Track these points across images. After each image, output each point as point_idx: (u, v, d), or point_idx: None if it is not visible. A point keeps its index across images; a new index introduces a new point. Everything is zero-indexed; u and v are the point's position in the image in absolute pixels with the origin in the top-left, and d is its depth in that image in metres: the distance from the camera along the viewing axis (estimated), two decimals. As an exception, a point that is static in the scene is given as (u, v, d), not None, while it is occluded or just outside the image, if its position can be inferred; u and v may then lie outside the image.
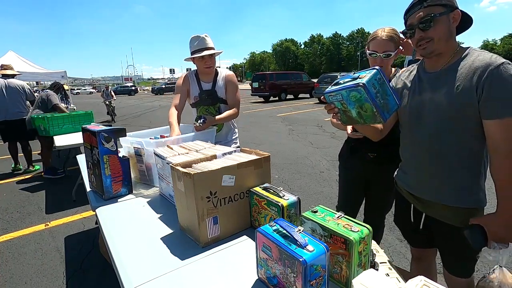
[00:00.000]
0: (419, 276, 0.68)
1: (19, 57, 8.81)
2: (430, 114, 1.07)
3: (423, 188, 1.17)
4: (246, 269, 0.91)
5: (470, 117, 0.99)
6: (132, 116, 12.95)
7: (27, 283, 2.10)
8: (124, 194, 1.54)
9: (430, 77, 1.10)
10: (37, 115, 3.96)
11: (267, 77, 16.83)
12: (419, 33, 1.04)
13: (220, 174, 1.04)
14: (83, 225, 2.92)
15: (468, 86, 0.96)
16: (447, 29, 1.01)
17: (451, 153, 1.05)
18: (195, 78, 2.08)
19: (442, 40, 1.02)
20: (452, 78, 1.01)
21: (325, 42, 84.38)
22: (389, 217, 2.88)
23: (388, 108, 0.99)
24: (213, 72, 2.05)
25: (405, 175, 1.26)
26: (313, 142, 6.28)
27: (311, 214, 0.87)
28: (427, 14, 1.00)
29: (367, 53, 1.51)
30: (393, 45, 1.46)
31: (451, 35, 1.03)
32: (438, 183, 1.11)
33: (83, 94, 47.26)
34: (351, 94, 0.99)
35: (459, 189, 1.07)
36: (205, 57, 1.95)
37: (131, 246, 1.08)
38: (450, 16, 1.01)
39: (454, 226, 1.11)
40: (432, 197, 1.14)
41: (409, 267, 2.05)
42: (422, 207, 1.22)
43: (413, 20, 1.05)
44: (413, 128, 1.16)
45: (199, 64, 2.00)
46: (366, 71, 1.01)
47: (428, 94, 1.09)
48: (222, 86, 2.06)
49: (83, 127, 1.54)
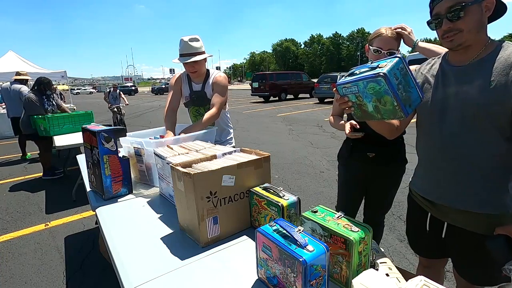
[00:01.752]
0: (419, 276, 0.68)
1: (19, 57, 8.82)
2: (455, 111, 0.98)
3: (443, 193, 1.07)
4: (246, 269, 0.91)
5: (501, 116, 0.90)
6: (132, 116, 12.94)
7: (27, 283, 2.10)
8: (124, 194, 1.54)
9: (457, 71, 0.99)
10: (37, 116, 3.96)
11: (267, 77, 16.84)
12: (446, 24, 0.94)
13: (220, 174, 1.04)
14: (83, 225, 2.92)
15: (504, 82, 0.88)
16: (478, 20, 0.91)
17: (475, 155, 0.96)
18: (186, 78, 2.08)
19: (472, 32, 0.92)
20: (483, 73, 0.92)
21: (325, 42, 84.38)
22: (389, 217, 2.89)
23: (411, 102, 0.89)
24: (201, 75, 2.03)
25: (422, 180, 1.17)
26: (313, 142, 6.28)
27: (311, 214, 0.87)
28: (457, 2, 0.90)
29: (371, 49, 1.49)
30: (397, 44, 1.47)
31: (482, 26, 0.93)
32: (460, 188, 1.01)
33: (83, 94, 47.24)
34: (368, 85, 0.88)
35: (483, 194, 0.98)
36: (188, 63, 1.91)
37: (131, 246, 1.08)
38: (482, 5, 0.90)
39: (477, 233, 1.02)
40: (453, 203, 1.04)
41: (409, 267, 2.06)
42: (442, 215, 1.11)
43: (440, 9, 0.94)
44: (433, 127, 1.05)
45: (186, 68, 1.97)
46: (387, 60, 0.90)
47: (454, 90, 0.99)
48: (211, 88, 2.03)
49: (83, 127, 1.54)
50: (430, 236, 1.20)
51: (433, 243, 1.21)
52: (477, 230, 1.02)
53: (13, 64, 8.16)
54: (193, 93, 2.06)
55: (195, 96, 2.05)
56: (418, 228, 1.25)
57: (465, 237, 1.06)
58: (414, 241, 1.33)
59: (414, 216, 1.27)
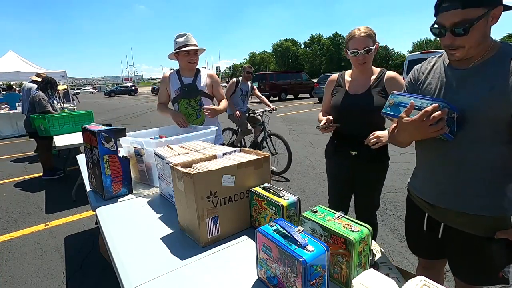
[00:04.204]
0: (419, 276, 0.68)
1: (19, 57, 8.81)
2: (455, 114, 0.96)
3: (442, 196, 1.06)
4: (246, 269, 0.91)
5: (502, 120, 0.89)
6: (132, 116, 12.94)
7: (27, 283, 2.10)
8: (124, 194, 1.54)
9: (459, 74, 0.98)
10: (37, 116, 3.96)
11: (267, 77, 16.85)
12: (449, 38, 0.91)
13: (220, 174, 1.04)
14: (83, 225, 2.92)
15: (506, 87, 0.87)
16: (483, 33, 0.89)
17: (474, 158, 0.96)
18: (176, 74, 2.24)
19: (473, 47, 0.90)
20: (485, 76, 0.91)
21: (325, 42, 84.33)
22: (389, 217, 2.89)
23: None
24: (195, 68, 2.23)
25: (421, 182, 1.16)
26: (313, 142, 6.28)
27: (311, 214, 0.87)
28: (463, 19, 0.86)
29: (348, 52, 1.58)
30: (371, 41, 1.53)
31: (485, 38, 0.91)
32: (459, 190, 1.01)
33: (83, 94, 47.24)
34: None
35: (482, 196, 0.98)
36: (190, 52, 2.10)
37: (131, 246, 1.08)
38: (489, 16, 0.86)
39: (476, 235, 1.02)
40: (452, 206, 1.04)
41: (409, 267, 2.06)
42: (440, 216, 1.11)
43: (445, 21, 0.90)
44: None
45: (183, 59, 2.14)
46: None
47: (455, 93, 0.97)
48: (203, 81, 2.23)
49: (83, 127, 1.54)
50: (428, 237, 1.20)
51: (431, 244, 1.20)
52: (476, 232, 1.02)
53: (13, 64, 8.16)
54: (184, 86, 2.20)
55: (186, 88, 2.19)
56: (416, 229, 1.24)
57: (463, 239, 1.05)
58: (413, 242, 1.33)
59: (413, 217, 1.27)
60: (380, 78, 1.60)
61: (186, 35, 2.11)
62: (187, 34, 2.12)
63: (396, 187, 3.45)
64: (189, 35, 2.13)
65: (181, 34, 2.13)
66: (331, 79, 1.78)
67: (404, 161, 4.51)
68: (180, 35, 2.12)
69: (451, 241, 1.12)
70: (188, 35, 2.12)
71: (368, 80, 1.62)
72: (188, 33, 2.13)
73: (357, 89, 1.63)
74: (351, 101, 1.62)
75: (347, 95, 1.64)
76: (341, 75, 1.75)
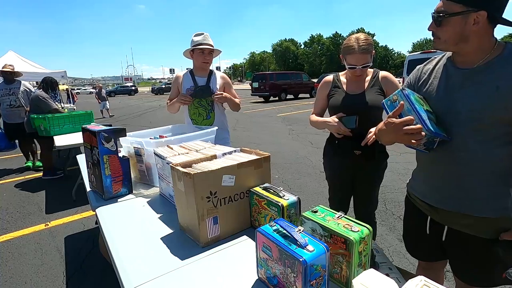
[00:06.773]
0: (419, 276, 0.68)
1: (19, 57, 8.81)
2: (459, 115, 0.95)
3: (444, 198, 1.05)
4: (246, 269, 0.91)
5: (505, 121, 0.89)
6: (132, 116, 12.95)
7: (27, 283, 2.10)
8: (124, 194, 1.54)
9: (463, 74, 0.96)
10: (37, 116, 3.96)
11: (267, 77, 16.84)
12: (432, 26, 0.95)
13: (220, 174, 1.04)
14: (83, 225, 2.92)
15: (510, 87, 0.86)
16: (457, 32, 0.89)
17: (477, 159, 0.95)
18: (189, 74, 2.24)
19: (449, 43, 0.92)
20: (490, 77, 0.90)
21: (325, 42, 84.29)
22: (389, 217, 2.89)
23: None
24: (208, 69, 2.24)
25: (422, 183, 1.15)
26: (313, 142, 6.28)
27: (311, 214, 0.87)
28: (443, 10, 0.89)
29: (346, 66, 1.59)
30: (370, 56, 1.53)
31: (464, 40, 0.91)
32: (462, 192, 1.00)
33: (83, 94, 47.22)
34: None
35: (484, 198, 0.97)
36: (205, 51, 2.11)
37: (131, 246, 1.08)
38: (469, 17, 0.86)
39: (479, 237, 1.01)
40: (457, 208, 1.02)
41: (409, 267, 2.06)
42: (444, 219, 1.09)
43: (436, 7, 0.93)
44: None
45: (198, 58, 2.14)
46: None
47: (459, 93, 0.96)
48: (218, 82, 2.24)
49: (83, 127, 1.54)
50: (430, 239, 1.18)
51: (432, 246, 1.19)
52: (480, 234, 1.01)
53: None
54: (197, 86, 2.20)
55: (199, 89, 2.19)
56: (417, 231, 1.23)
57: (466, 241, 1.04)
58: (413, 244, 1.32)
59: (413, 219, 1.26)
60: (376, 77, 1.64)
61: (204, 35, 2.12)
62: (205, 33, 2.12)
63: (396, 187, 3.46)
64: (207, 35, 2.13)
65: (199, 33, 2.14)
66: (326, 81, 1.77)
67: (404, 161, 4.51)
68: (197, 34, 2.13)
69: (454, 243, 1.10)
70: (205, 35, 2.12)
71: (364, 80, 1.65)
72: (205, 33, 2.13)
73: (355, 89, 1.65)
74: (351, 100, 1.62)
75: (347, 95, 1.64)
76: (336, 77, 1.74)
